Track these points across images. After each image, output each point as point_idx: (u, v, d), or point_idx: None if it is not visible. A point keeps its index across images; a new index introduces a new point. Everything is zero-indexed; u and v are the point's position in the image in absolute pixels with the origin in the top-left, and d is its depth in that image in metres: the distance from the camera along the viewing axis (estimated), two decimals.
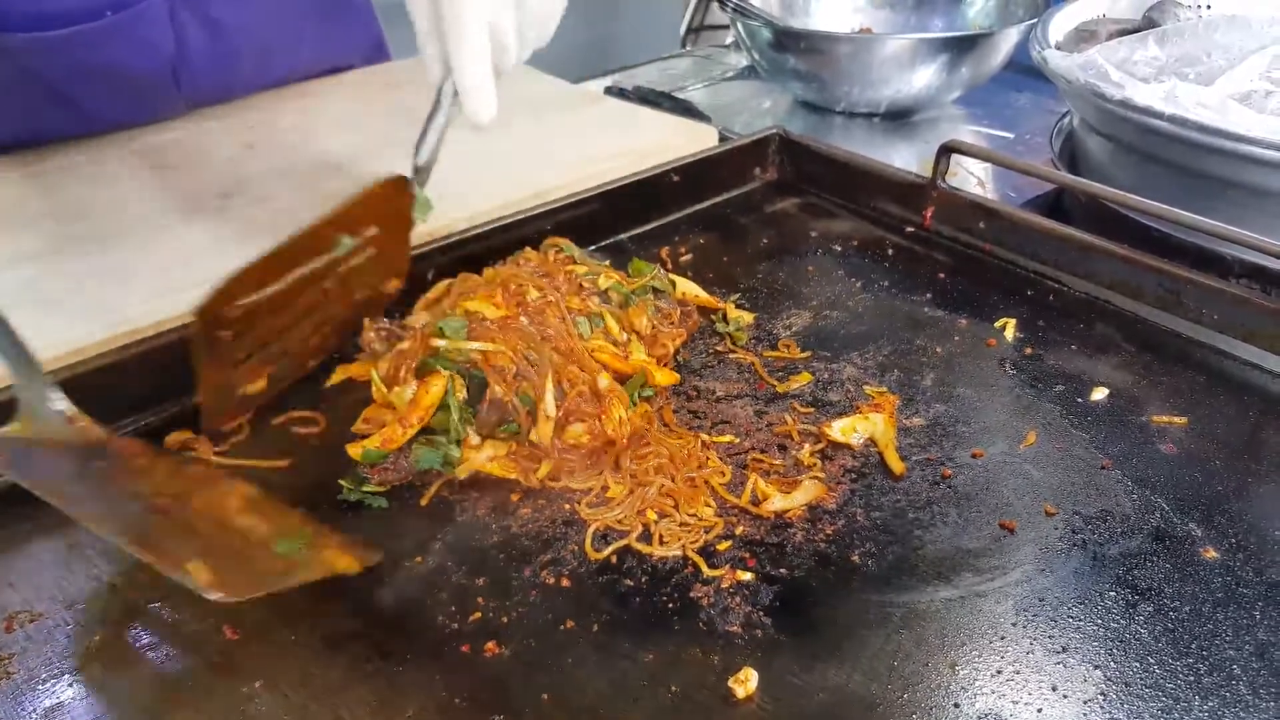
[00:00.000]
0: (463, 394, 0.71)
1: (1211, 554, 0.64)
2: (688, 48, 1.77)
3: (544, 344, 0.73)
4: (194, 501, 0.63)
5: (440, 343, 0.72)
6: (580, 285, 0.80)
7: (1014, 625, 0.59)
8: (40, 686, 0.56)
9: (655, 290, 0.85)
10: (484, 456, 0.70)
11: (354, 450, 0.71)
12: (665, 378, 0.78)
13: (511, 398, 0.70)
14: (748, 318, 0.88)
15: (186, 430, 0.74)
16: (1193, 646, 0.58)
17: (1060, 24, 1.19)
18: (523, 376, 0.71)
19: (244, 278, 0.68)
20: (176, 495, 0.63)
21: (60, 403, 0.65)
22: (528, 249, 0.84)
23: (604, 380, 0.73)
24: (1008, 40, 1.27)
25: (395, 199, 0.77)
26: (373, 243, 0.76)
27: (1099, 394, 0.78)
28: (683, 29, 1.85)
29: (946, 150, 0.98)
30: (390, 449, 0.71)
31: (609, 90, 1.37)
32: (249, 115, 1.20)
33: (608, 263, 0.85)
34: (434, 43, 0.73)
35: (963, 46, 1.25)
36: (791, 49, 1.30)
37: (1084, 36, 1.19)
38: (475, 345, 0.72)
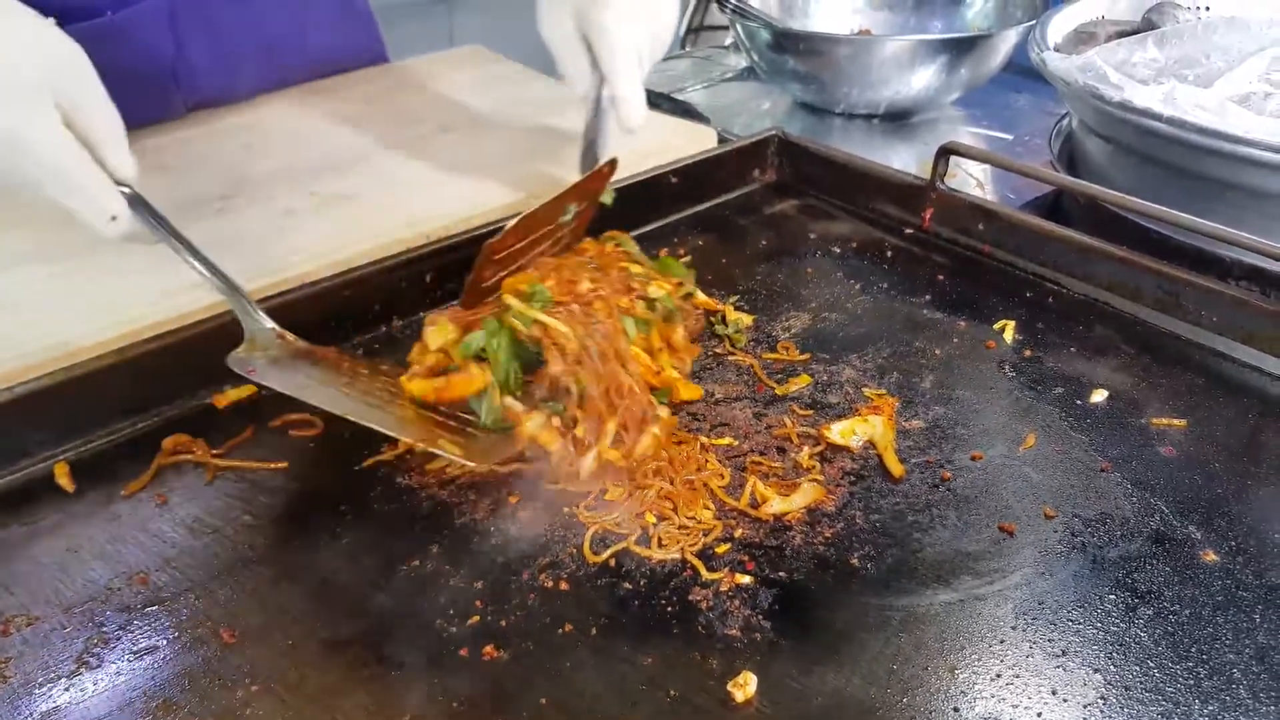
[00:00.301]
0: (504, 353, 0.70)
1: (1211, 557, 0.64)
2: (687, 49, 1.77)
3: (608, 342, 0.71)
4: (404, 395, 0.71)
5: (514, 302, 0.71)
6: (629, 286, 0.79)
7: (1013, 629, 0.59)
8: (37, 691, 0.56)
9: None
10: (535, 424, 0.69)
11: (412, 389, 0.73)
12: (690, 393, 0.78)
13: (570, 380, 0.69)
14: (747, 320, 0.88)
15: (183, 435, 0.74)
16: (1193, 650, 0.58)
17: (1059, 25, 1.19)
18: (579, 361, 0.69)
19: (518, 227, 0.76)
20: (388, 389, 0.72)
21: (269, 322, 0.76)
22: (588, 240, 0.85)
23: (665, 411, 0.73)
24: (1006, 42, 1.27)
25: (600, 181, 0.85)
26: (578, 216, 0.83)
27: (1098, 396, 0.78)
28: (682, 30, 1.85)
29: (945, 152, 0.98)
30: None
31: None
32: (248, 116, 1.19)
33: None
34: (574, 62, 0.87)
35: (962, 48, 1.25)
36: (790, 50, 1.30)
37: (1083, 38, 1.18)
38: (546, 318, 0.70)
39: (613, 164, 0.85)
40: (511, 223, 0.74)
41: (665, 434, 0.72)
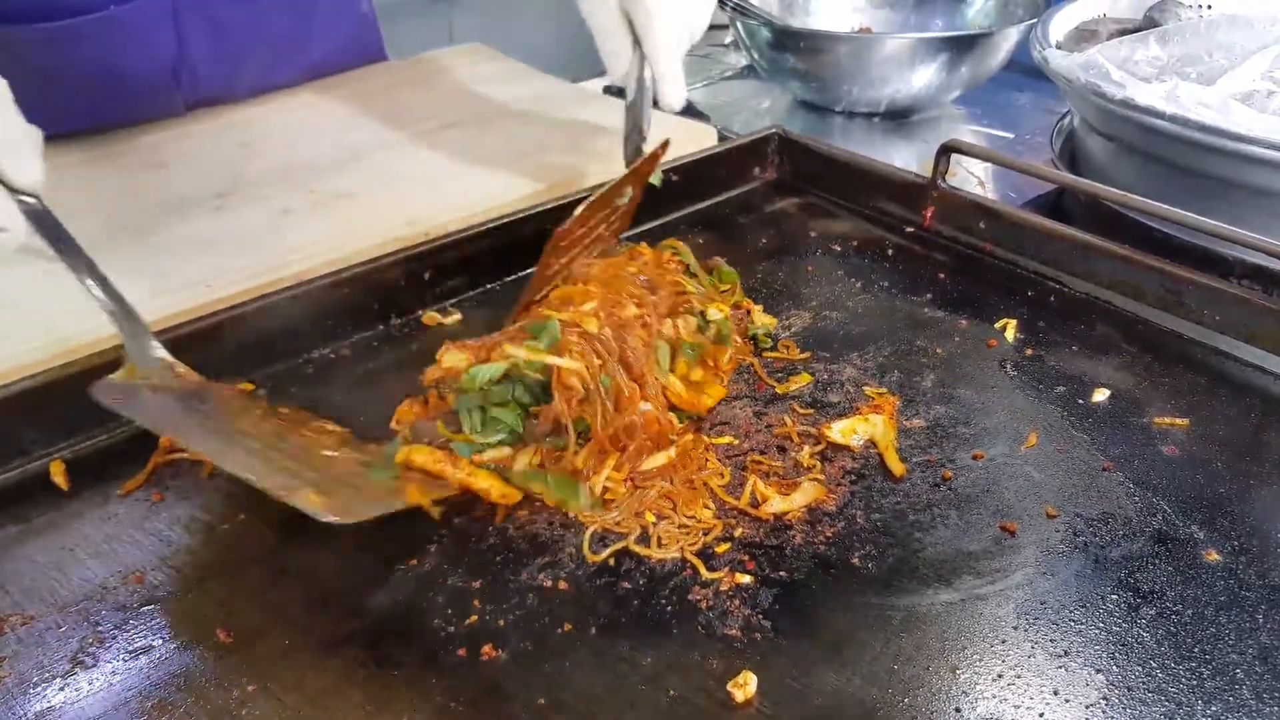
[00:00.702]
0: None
1: (1214, 557, 0.63)
2: None
3: (632, 372, 0.70)
4: (291, 439, 0.67)
5: (519, 352, 0.69)
6: (682, 304, 0.79)
7: (1015, 629, 0.59)
8: (31, 690, 0.56)
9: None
10: (524, 461, 0.68)
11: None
12: (715, 397, 0.77)
13: (568, 421, 0.68)
14: (772, 321, 0.87)
15: None
16: (1195, 650, 0.57)
17: (1061, 23, 1.18)
18: (588, 402, 0.68)
19: (584, 214, 0.77)
20: (274, 433, 0.67)
21: (160, 351, 0.71)
22: (644, 245, 0.85)
23: (689, 437, 0.72)
24: (1008, 40, 1.26)
25: (654, 163, 0.87)
26: (632, 199, 0.85)
27: (1100, 395, 0.78)
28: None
29: (946, 150, 0.98)
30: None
31: (608, 89, 1.36)
32: (246, 114, 1.19)
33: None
34: (615, 41, 0.88)
35: (963, 46, 1.24)
36: (791, 48, 1.30)
37: (1085, 36, 1.18)
38: (553, 359, 0.68)
39: (665, 144, 0.86)
40: (579, 209, 0.76)
41: (680, 455, 0.71)
